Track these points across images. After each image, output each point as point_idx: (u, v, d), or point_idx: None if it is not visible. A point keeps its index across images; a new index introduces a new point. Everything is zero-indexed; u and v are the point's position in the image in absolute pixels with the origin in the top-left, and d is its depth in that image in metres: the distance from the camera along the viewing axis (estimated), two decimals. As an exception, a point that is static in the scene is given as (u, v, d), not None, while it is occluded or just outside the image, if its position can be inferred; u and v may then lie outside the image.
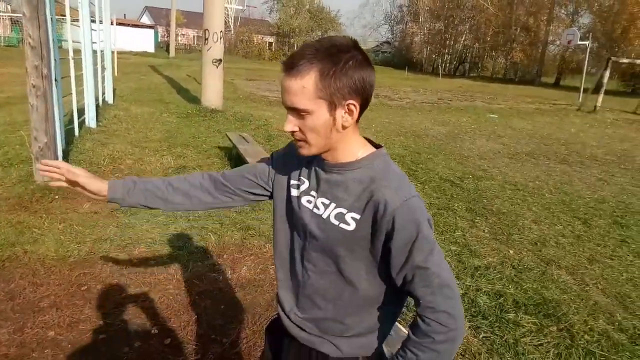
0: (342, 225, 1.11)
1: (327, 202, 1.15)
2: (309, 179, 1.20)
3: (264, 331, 1.50)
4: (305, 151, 1.11)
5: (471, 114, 13.57)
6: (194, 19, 46.29)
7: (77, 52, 7.20)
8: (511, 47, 40.51)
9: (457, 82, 30.70)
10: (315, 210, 1.17)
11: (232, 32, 44.89)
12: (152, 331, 2.65)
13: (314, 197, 1.18)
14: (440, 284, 1.04)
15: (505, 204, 5.29)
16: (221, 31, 10.37)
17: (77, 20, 7.78)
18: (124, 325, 2.67)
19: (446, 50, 44.96)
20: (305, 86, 1.01)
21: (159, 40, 48.24)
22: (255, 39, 45.25)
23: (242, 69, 26.63)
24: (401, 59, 46.08)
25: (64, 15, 7.09)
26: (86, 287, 3.02)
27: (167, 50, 39.52)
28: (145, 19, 55.45)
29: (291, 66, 1.01)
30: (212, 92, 10.55)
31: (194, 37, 49.65)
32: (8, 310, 2.73)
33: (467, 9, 42.75)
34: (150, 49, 42.15)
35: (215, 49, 10.33)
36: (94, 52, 8.46)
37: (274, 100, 13.76)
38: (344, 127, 1.07)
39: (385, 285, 1.16)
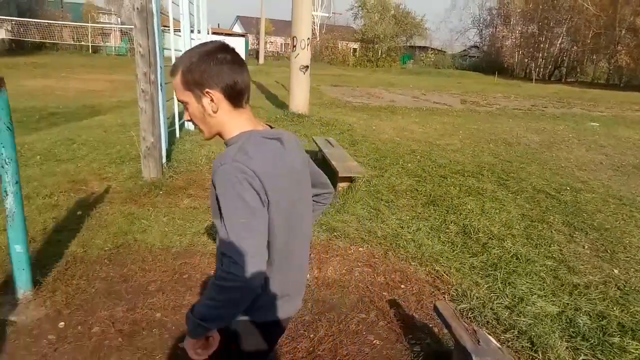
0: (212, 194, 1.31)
1: None
2: None
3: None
4: (203, 135, 1.38)
5: (569, 122, 12.67)
6: (282, 27, 47.93)
7: (179, 59, 7.78)
8: (615, 50, 37.22)
9: (553, 88, 28.79)
10: None
11: (318, 39, 45.85)
12: (246, 321, 2.80)
13: None
14: (223, 238, 1.21)
15: (609, 219, 4.89)
16: (308, 38, 10.67)
17: (179, 31, 8.43)
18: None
19: (540, 54, 42.28)
20: (177, 82, 1.30)
21: (249, 48, 50.56)
22: (339, 46, 45.82)
23: (327, 75, 27.10)
24: (490, 63, 44.09)
25: (168, 26, 7.73)
26: (187, 275, 3.27)
27: (257, 57, 41.27)
28: (237, 28, 58.34)
29: (171, 69, 1.32)
30: (299, 98, 10.86)
31: (281, 44, 51.36)
32: (122, 291, 3.04)
33: (564, 9, 39.96)
34: (241, 56, 44.24)
35: (303, 55, 10.63)
36: (194, 59, 9.08)
37: (358, 106, 13.85)
38: (214, 112, 1.30)
39: None
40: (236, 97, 1.31)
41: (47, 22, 33.96)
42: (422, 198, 5.23)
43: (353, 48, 47.14)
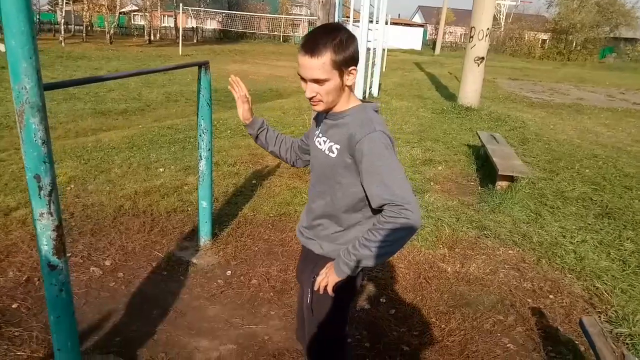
0: (330, 154, 1.55)
1: (326, 139, 1.59)
2: (320, 126, 1.66)
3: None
4: (320, 108, 1.53)
5: None
6: (463, 17, 45.94)
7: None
8: None
9: None
10: (319, 146, 1.62)
11: (502, 28, 42.73)
12: (381, 299, 2.97)
13: (320, 137, 1.63)
14: (380, 193, 1.44)
15: None
16: (488, 29, 10.13)
17: (358, 21, 8.84)
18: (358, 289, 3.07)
19: None
20: (324, 62, 1.41)
21: (427, 38, 49.75)
22: (526, 36, 42.02)
23: (506, 68, 25.27)
24: None
25: (348, 17, 8.16)
26: (334, 249, 3.55)
27: (433, 47, 40.45)
28: (417, 18, 57.85)
29: (312, 50, 1.40)
30: (470, 90, 10.45)
31: (461, 35, 49.33)
32: (279, 253, 3.48)
33: None
34: (418, 46, 43.90)
35: (479, 46, 10.17)
36: (368, 49, 9.45)
37: (537, 102, 12.71)
38: (348, 85, 1.50)
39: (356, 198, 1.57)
40: None
41: (250, 14, 38.42)
42: (595, 208, 4.68)
43: (542, 39, 42.76)
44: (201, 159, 3.31)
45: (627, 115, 11.27)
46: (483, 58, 10.22)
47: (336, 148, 1.52)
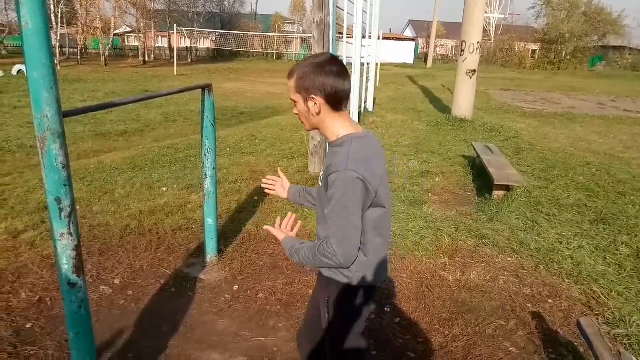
0: (321, 184, 1.66)
1: (323, 169, 1.67)
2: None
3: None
4: (305, 127, 1.69)
5: None
6: (453, 30, 46.62)
7: (347, 65, 8.35)
8: None
9: None
10: (320, 177, 1.71)
11: (492, 40, 43.37)
12: (385, 309, 3.05)
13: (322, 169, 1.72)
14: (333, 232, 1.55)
15: None
16: (478, 42, 10.36)
17: (351, 37, 9.03)
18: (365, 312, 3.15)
19: None
20: (291, 85, 1.60)
21: (419, 51, 50.38)
22: (516, 47, 42.66)
23: (498, 79, 25.61)
24: None
25: (341, 34, 8.36)
26: (338, 261, 3.64)
27: (425, 61, 40.97)
28: (408, 32, 58.60)
29: (289, 72, 1.60)
30: (463, 102, 10.64)
31: (452, 47, 50.00)
32: (284, 267, 3.56)
33: None
34: (410, 60, 44.46)
35: (471, 60, 10.38)
36: (362, 65, 9.64)
37: (529, 112, 12.91)
38: (317, 113, 1.59)
39: None
40: (336, 103, 1.59)
41: (243, 33, 38.91)
42: (590, 214, 4.79)
43: (532, 49, 43.40)
44: (206, 177, 3.41)
45: (618, 123, 11.47)
46: (475, 70, 10.43)
47: (322, 179, 1.65)
